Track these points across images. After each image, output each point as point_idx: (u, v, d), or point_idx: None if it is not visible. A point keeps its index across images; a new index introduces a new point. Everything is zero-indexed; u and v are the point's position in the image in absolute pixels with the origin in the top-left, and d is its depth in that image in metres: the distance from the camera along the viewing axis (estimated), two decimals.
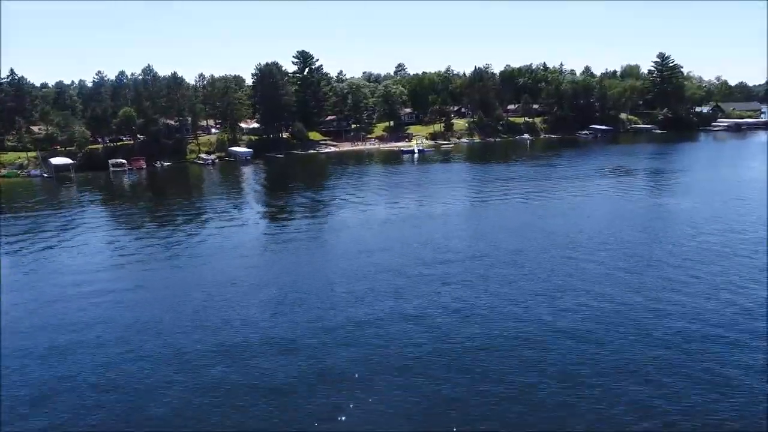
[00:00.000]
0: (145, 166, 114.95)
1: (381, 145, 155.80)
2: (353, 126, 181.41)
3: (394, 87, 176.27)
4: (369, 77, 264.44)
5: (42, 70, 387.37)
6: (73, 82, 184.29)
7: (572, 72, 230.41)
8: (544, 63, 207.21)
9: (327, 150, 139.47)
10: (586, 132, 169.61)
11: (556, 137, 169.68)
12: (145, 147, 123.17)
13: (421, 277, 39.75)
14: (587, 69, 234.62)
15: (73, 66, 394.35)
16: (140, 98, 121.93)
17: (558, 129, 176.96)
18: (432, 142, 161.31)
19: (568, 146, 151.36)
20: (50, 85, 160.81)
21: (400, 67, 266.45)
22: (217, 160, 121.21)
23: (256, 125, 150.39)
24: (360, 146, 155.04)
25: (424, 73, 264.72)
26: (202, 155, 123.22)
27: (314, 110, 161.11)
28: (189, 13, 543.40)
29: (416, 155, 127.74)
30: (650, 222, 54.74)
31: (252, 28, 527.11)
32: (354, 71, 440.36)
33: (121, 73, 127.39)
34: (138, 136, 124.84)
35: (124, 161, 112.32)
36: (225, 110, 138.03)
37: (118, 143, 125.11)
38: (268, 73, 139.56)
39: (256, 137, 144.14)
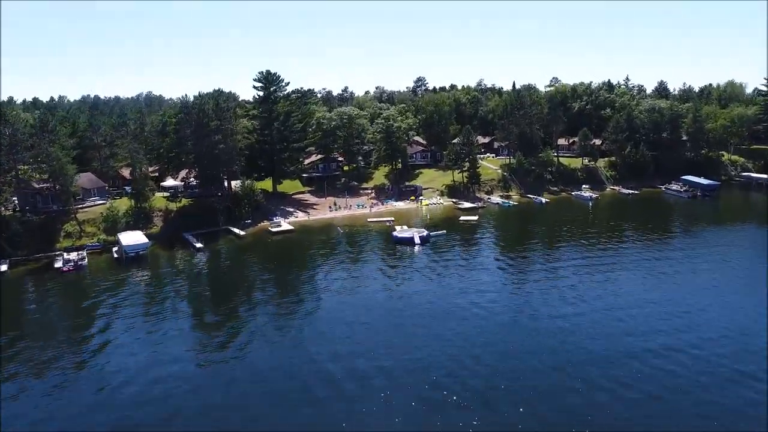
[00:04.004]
0: None
1: (372, 210, 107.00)
2: (345, 168, 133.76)
3: (400, 119, 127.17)
4: (381, 94, 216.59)
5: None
6: None
7: (641, 89, 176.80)
8: (608, 81, 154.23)
9: (280, 228, 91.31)
10: (678, 187, 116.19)
11: (629, 193, 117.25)
12: None
13: None
14: (661, 85, 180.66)
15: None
16: None
17: (631, 177, 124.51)
18: (450, 202, 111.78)
19: (651, 212, 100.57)
20: None
21: (420, 82, 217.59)
22: (84, 261, 74.33)
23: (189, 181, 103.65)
24: (342, 210, 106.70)
25: (451, 86, 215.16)
26: (64, 252, 76.57)
27: (284, 154, 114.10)
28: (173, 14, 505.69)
29: (417, 247, 78.65)
30: None
31: (240, 35, 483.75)
32: (366, 85, 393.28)
33: None
34: None
35: None
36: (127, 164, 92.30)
37: None
38: (198, 111, 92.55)
39: (188, 201, 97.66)
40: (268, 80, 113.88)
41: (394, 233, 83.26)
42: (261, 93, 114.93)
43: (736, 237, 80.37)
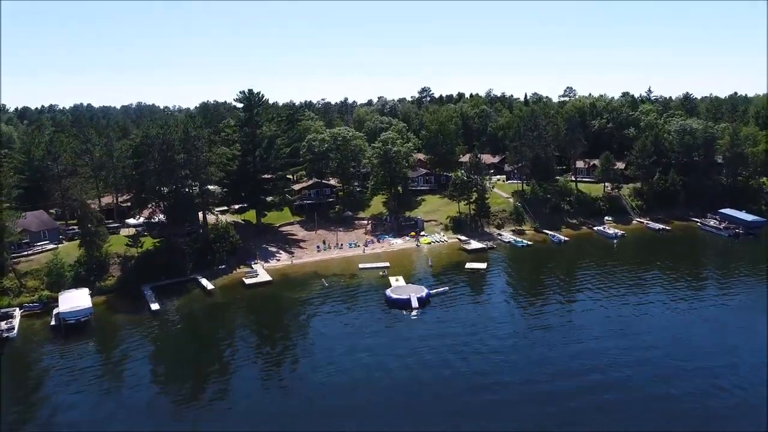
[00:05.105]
0: None
1: (366, 249, 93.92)
2: (340, 194, 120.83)
3: (399, 142, 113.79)
4: (384, 106, 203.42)
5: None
6: None
7: (667, 104, 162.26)
8: (631, 96, 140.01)
9: (255, 279, 78.49)
10: (716, 223, 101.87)
11: (659, 228, 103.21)
12: None
13: None
14: (687, 98, 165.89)
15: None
16: None
17: (660, 207, 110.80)
18: (455, 238, 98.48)
19: (686, 251, 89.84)
20: None
21: (425, 93, 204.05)
22: (12, 331, 61.66)
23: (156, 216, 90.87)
24: (331, 250, 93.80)
25: (459, 95, 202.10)
26: None
27: (268, 185, 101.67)
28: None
29: (415, 312, 65.67)
30: None
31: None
32: (369, 94, 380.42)
33: None
34: None
35: None
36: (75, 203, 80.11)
37: None
38: (162, 143, 79.80)
39: (154, 242, 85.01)
40: (250, 100, 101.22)
41: (388, 292, 70.04)
42: (243, 115, 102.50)
43: None
